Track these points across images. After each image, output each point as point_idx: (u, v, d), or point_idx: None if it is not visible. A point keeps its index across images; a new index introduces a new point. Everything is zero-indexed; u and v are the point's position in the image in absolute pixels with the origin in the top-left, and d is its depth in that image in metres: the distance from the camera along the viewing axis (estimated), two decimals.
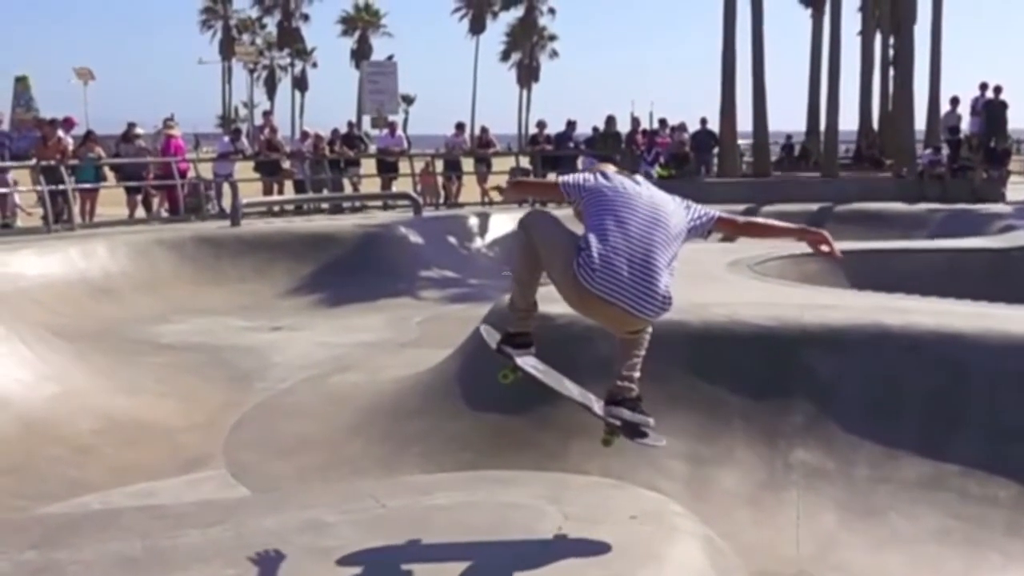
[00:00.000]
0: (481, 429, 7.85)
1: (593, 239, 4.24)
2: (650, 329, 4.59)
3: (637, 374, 4.56)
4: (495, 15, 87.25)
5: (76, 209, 17.93)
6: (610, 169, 4.64)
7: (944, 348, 7.49)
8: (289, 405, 9.78)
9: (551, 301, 9.13)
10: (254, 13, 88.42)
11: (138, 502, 6.95)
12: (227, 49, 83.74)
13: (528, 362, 4.78)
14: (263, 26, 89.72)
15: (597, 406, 4.69)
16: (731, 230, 4.76)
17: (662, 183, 23.97)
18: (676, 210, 4.48)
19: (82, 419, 8.77)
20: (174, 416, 9.34)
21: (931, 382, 7.39)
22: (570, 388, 4.88)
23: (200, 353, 11.92)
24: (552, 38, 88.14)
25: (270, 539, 4.51)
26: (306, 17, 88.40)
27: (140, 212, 19.97)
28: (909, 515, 6.73)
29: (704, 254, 12.82)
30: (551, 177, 15.38)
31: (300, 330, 13.28)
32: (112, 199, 20.97)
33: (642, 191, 4.46)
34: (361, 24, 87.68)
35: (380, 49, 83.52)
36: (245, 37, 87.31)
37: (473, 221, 20.57)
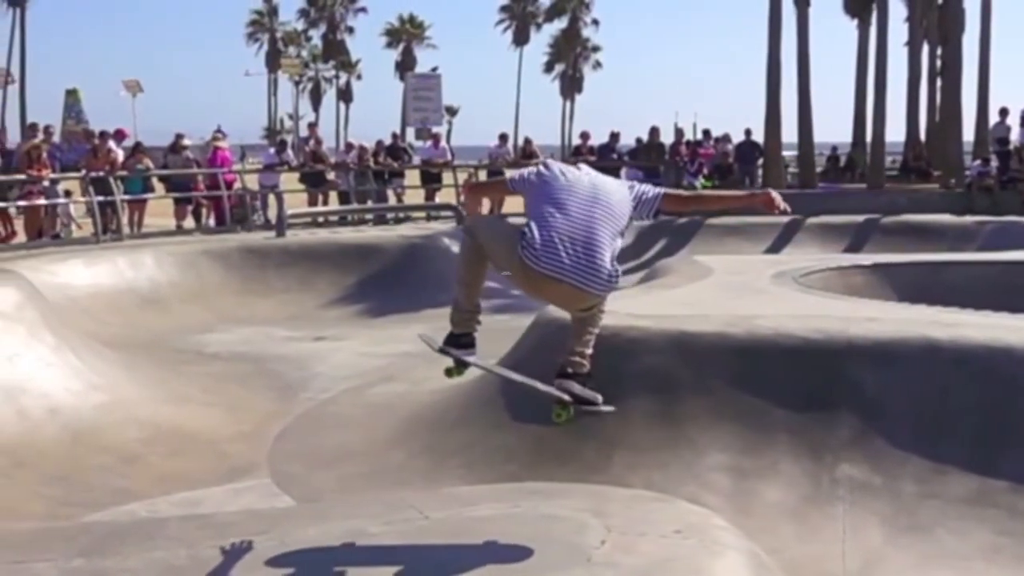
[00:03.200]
0: (523, 441, 7.84)
1: (534, 224, 4.47)
2: (604, 308, 4.80)
3: (589, 351, 4.78)
4: (539, 26, 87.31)
5: (124, 219, 18.14)
6: (553, 162, 4.89)
7: (993, 362, 7.40)
8: (332, 415, 9.82)
9: None
10: (300, 26, 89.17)
11: (183, 511, 7.02)
12: (273, 61, 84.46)
13: (471, 358, 5.02)
14: (308, 39, 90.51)
15: (542, 385, 4.87)
16: (679, 205, 5.01)
17: None
18: (619, 190, 4.72)
19: (129, 428, 8.86)
20: (219, 425, 9.41)
21: (980, 396, 7.30)
22: (512, 374, 5.21)
23: (245, 363, 12.01)
24: (595, 49, 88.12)
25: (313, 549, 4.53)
26: (351, 30, 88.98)
27: (188, 222, 20.18)
28: (957, 532, 6.64)
29: (749, 266, 12.75)
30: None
31: (343, 340, 13.34)
32: (160, 210, 21.21)
33: (582, 176, 4.70)
34: (405, 36, 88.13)
35: (424, 61, 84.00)
36: (291, 50, 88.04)
37: None
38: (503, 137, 25.79)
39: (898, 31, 33.28)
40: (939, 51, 31.57)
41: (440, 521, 4.94)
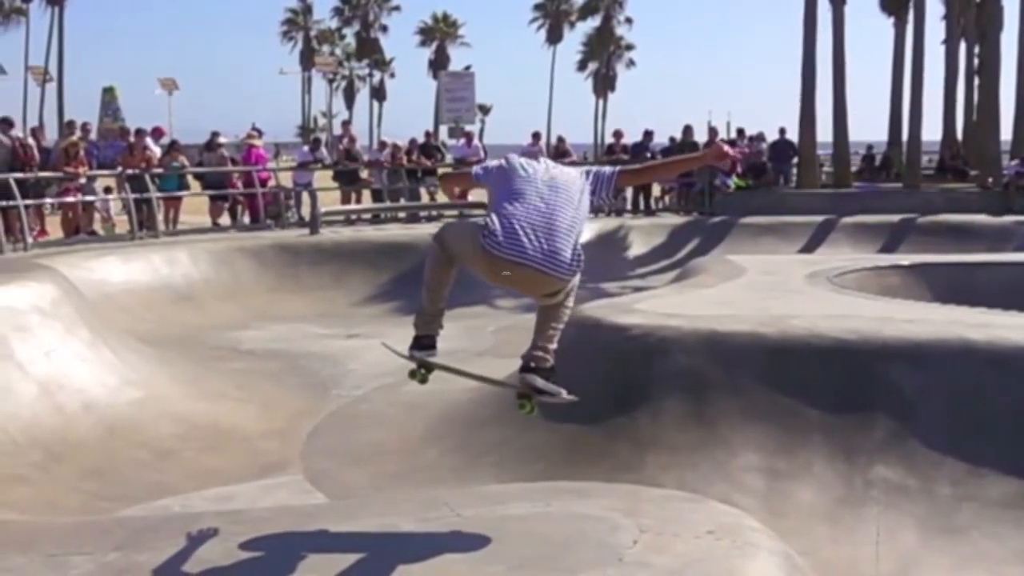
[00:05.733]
0: (555, 440, 7.84)
1: (494, 215, 4.57)
2: (570, 303, 4.87)
3: (554, 346, 4.89)
4: (572, 25, 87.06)
5: (160, 217, 18.28)
6: (514, 156, 4.99)
7: None
8: (364, 413, 9.87)
9: (626, 312, 9.08)
10: (334, 24, 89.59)
11: (217, 506, 7.07)
12: (307, 60, 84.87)
13: (433, 358, 5.24)
14: (342, 37, 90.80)
15: (504, 381, 5.08)
16: (636, 178, 5.16)
17: (739, 194, 23.56)
18: (577, 177, 4.83)
19: (164, 423, 8.94)
20: (253, 422, 9.48)
21: (1017, 398, 7.22)
22: (472, 372, 5.57)
23: (278, 360, 12.08)
24: (629, 47, 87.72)
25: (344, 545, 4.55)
26: (385, 28, 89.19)
27: (223, 220, 20.31)
28: (993, 534, 6.58)
29: (782, 266, 12.68)
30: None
31: (375, 337, 13.32)
32: (195, 207, 21.37)
33: (539, 166, 4.82)
34: (439, 34, 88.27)
35: (457, 59, 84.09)
36: (325, 48, 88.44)
37: None
38: (536, 135, 25.73)
39: (935, 29, 32.96)
40: (976, 49, 31.24)
41: (472, 519, 4.94)
